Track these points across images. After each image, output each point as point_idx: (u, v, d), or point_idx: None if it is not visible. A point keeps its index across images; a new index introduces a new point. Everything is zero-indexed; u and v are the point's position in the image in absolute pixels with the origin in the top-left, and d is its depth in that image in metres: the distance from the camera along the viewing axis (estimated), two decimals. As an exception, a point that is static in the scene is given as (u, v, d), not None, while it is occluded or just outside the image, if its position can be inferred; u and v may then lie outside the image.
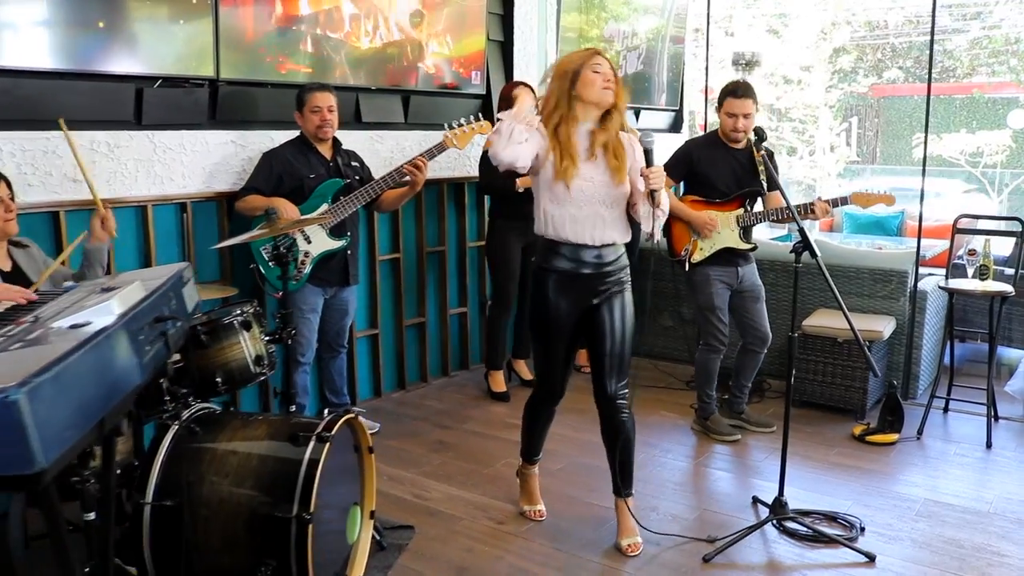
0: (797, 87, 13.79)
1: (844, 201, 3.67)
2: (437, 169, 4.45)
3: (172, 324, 1.54)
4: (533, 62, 5.01)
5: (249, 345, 2.48)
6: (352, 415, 2.40)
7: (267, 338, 2.66)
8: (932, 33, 4.12)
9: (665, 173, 3.56)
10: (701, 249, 3.64)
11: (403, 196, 3.68)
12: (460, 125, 3.73)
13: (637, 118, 6.18)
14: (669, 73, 6.48)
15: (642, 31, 6.05)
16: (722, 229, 3.62)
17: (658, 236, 2.66)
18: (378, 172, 3.77)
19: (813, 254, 2.63)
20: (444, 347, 4.65)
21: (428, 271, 4.49)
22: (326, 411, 2.32)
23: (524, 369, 4.49)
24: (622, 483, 2.81)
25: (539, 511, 3.02)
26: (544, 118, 2.64)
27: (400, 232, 4.29)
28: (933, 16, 4.11)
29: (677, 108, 6.64)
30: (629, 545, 2.76)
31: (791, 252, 2.68)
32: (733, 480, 3.38)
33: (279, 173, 3.42)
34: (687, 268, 3.64)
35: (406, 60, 4.24)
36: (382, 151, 4.16)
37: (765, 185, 3.62)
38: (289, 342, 2.70)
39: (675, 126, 6.65)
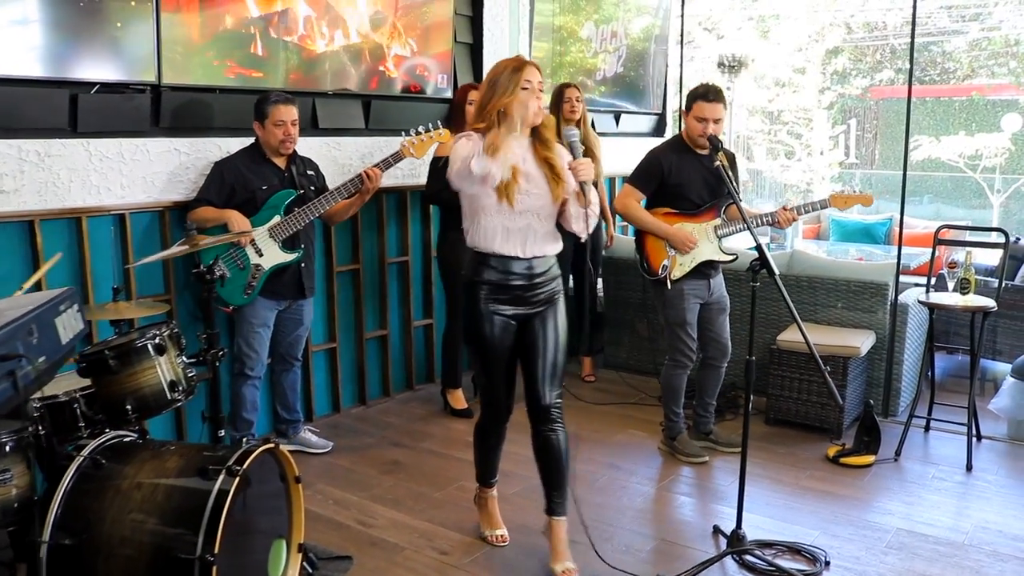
0: (790, 89, 13.61)
1: (824, 204, 3.53)
2: (400, 176, 4.30)
3: (25, 362, 1.39)
4: (504, 65, 4.85)
5: (164, 369, 2.32)
6: (272, 444, 2.24)
7: (190, 360, 2.50)
8: (912, 36, 3.96)
9: (630, 184, 3.45)
10: (681, 264, 3.45)
11: (351, 206, 3.53)
12: (418, 133, 3.57)
13: (617, 122, 6.02)
14: (659, 74, 6.33)
15: (623, 32, 5.89)
16: (700, 242, 3.46)
17: (585, 236, 2.58)
18: (335, 181, 3.62)
19: (771, 272, 2.46)
20: (408, 360, 4.49)
21: (390, 282, 4.33)
22: (244, 440, 2.17)
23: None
24: (556, 501, 2.66)
25: (501, 535, 2.88)
26: (475, 129, 2.55)
27: (359, 242, 4.13)
28: (913, 19, 3.94)
29: (660, 111, 6.48)
30: (563, 571, 2.60)
31: (748, 270, 2.52)
32: (696, 506, 3.21)
33: (231, 183, 3.28)
34: (669, 286, 3.46)
35: (366, 63, 4.08)
36: (340, 158, 4.01)
37: (736, 191, 3.49)
38: (217, 364, 2.55)
39: (658, 129, 6.49)
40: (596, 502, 3.18)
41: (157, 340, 2.31)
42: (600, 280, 4.95)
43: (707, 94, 3.36)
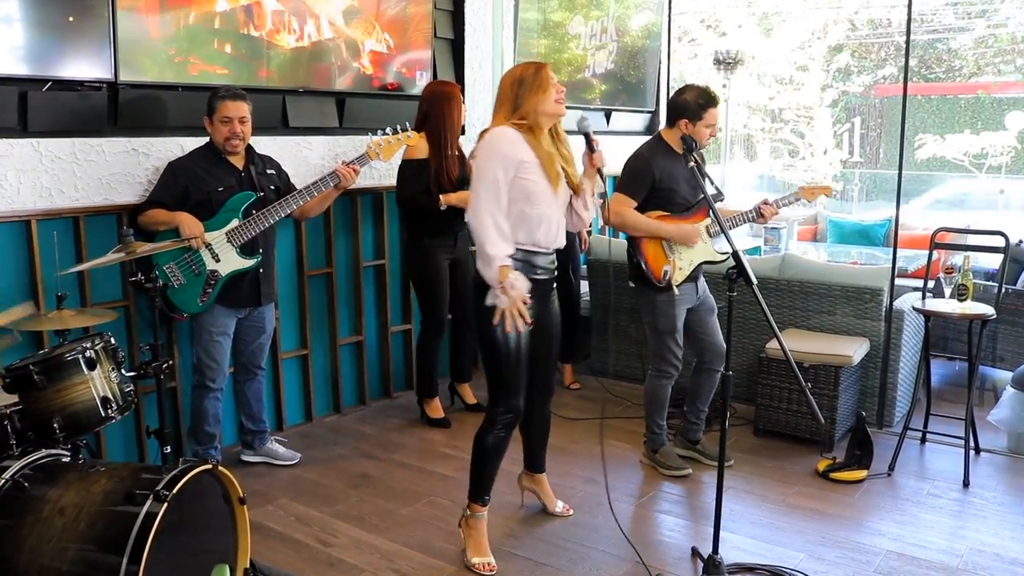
0: (791, 87, 13.42)
1: (797, 197, 3.48)
2: (376, 176, 4.15)
3: None
4: (487, 61, 4.70)
5: (97, 384, 2.17)
6: (210, 464, 2.10)
7: (131, 373, 2.35)
8: (908, 32, 3.78)
9: (621, 193, 3.29)
10: (681, 268, 3.29)
11: (326, 200, 3.39)
12: (385, 134, 3.42)
13: (608, 120, 5.86)
14: (654, 72, 6.17)
15: (614, 28, 5.73)
16: (697, 242, 3.31)
17: (593, 215, 2.81)
18: (307, 182, 3.47)
19: (748, 281, 2.30)
20: (385, 367, 4.34)
21: (365, 286, 4.18)
22: (180, 460, 2.03)
23: (469, 393, 4.17)
24: (544, 459, 3.06)
25: (490, 564, 2.68)
26: (515, 126, 2.59)
27: (332, 245, 3.98)
28: (909, 17, 3.77)
29: (653, 110, 6.31)
30: (565, 507, 3.07)
31: (724, 278, 2.35)
32: (676, 526, 3.05)
33: (184, 185, 3.12)
34: (677, 292, 3.28)
35: (340, 60, 3.93)
36: (311, 158, 3.86)
37: (715, 190, 3.37)
38: (162, 376, 2.40)
39: (651, 128, 6.32)
40: (570, 520, 3.03)
41: (88, 353, 2.17)
42: (586, 283, 4.80)
43: (713, 99, 3.26)
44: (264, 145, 3.56)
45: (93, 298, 3.18)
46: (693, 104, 3.23)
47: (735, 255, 2.31)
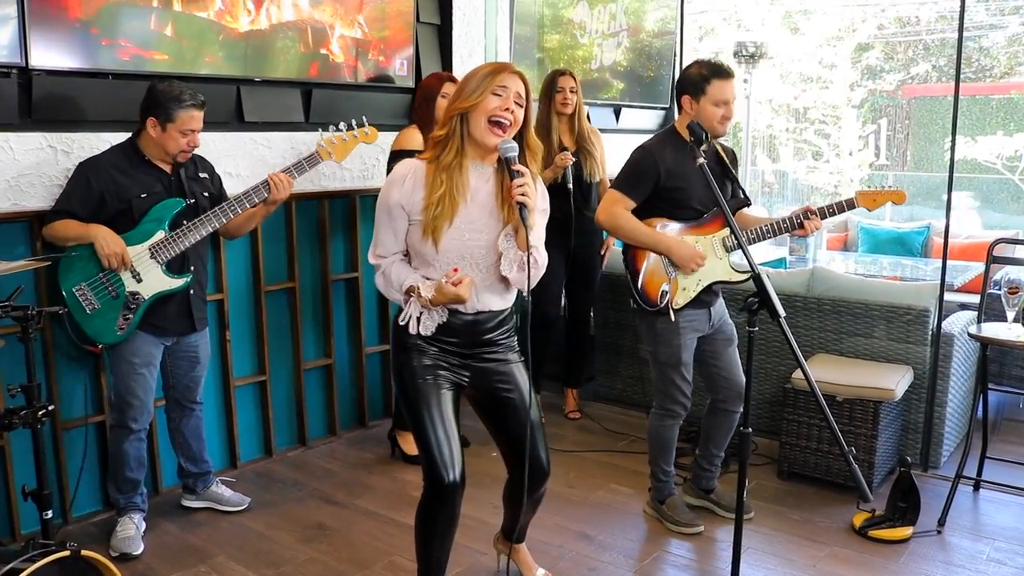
0: (818, 85, 12.82)
1: (850, 205, 2.81)
2: (348, 179, 3.67)
3: None
4: (478, 49, 4.21)
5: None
6: (68, 551, 1.62)
7: (-6, 423, 1.88)
8: (960, 31, 3.24)
9: (617, 189, 2.78)
10: (684, 289, 2.74)
11: (252, 217, 2.90)
12: (338, 131, 2.95)
13: (617, 117, 5.35)
14: (668, 65, 5.66)
15: (623, 15, 5.22)
16: (707, 259, 2.76)
17: (524, 289, 2.05)
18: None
19: (774, 314, 1.78)
20: (359, 393, 3.86)
21: (335, 303, 3.69)
22: (31, 543, 1.57)
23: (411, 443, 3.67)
24: (525, 532, 2.56)
25: None
26: (432, 146, 2.12)
27: (295, 256, 3.50)
28: (962, 16, 3.23)
29: (668, 106, 5.79)
30: (545, 574, 2.55)
31: (742, 310, 1.84)
32: (684, 598, 2.54)
33: (100, 190, 2.64)
34: (672, 317, 2.76)
35: (304, 45, 3.45)
36: (270, 157, 3.38)
37: (742, 193, 2.85)
38: (39, 427, 1.93)
39: (665, 126, 5.79)
40: (558, 590, 2.53)
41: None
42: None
43: (721, 69, 2.71)
44: (214, 142, 3.10)
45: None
46: (695, 76, 2.71)
47: (757, 280, 1.79)
